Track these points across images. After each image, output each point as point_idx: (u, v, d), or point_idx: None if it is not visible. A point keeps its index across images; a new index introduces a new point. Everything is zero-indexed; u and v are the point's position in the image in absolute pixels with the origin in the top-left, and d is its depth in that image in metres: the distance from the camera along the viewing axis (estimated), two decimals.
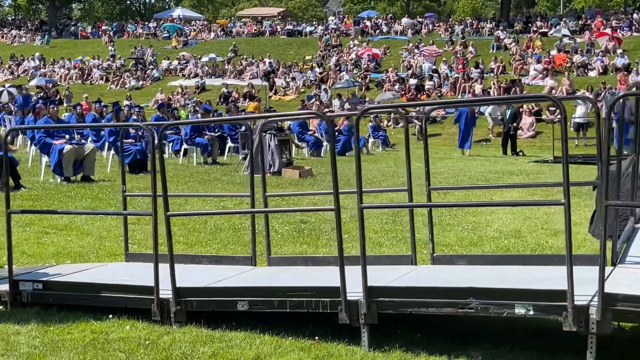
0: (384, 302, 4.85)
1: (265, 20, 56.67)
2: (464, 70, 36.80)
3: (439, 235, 8.23)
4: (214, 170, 17.88)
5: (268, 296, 5.20)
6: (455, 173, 16.72)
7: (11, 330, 5.21)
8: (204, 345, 4.95)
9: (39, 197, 12.08)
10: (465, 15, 63.51)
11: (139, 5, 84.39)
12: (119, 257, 7.61)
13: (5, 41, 57.48)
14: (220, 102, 36.42)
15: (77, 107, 22.42)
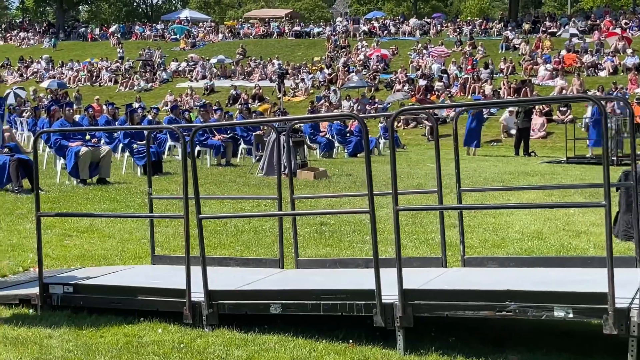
0: (419, 305, 4.82)
1: (273, 21, 56.71)
2: (473, 70, 36.74)
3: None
4: (228, 172, 17.88)
5: (301, 299, 5.17)
6: (470, 174, 16.67)
7: (43, 334, 5.19)
8: (238, 349, 4.92)
9: (56, 199, 12.08)
10: (473, 16, 63.43)
11: (145, 7, 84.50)
12: (143, 260, 7.59)
13: (13, 43, 57.70)
14: (229, 104, 36.45)
15: (88, 109, 22.43)
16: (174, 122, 20.32)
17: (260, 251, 8.31)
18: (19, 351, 4.82)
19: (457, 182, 6.21)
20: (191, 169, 5.47)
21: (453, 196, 9.09)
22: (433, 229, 9.43)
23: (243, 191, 13.92)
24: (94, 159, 14.63)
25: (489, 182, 15.27)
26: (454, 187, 7.41)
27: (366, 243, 8.64)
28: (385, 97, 35.85)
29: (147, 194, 7.48)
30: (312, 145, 23.49)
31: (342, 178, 16.54)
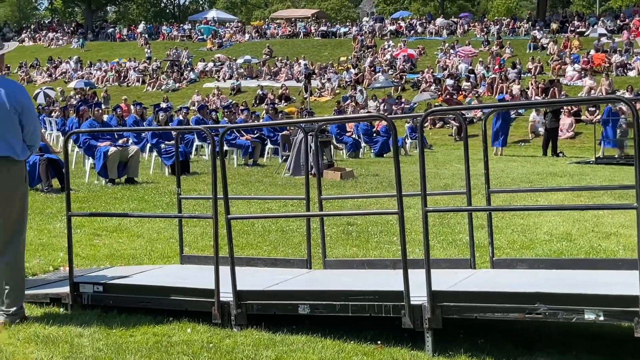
0: (448, 307, 4.80)
1: (299, 21, 56.79)
2: (501, 70, 36.54)
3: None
4: (255, 172, 17.94)
5: (330, 300, 5.17)
6: (497, 174, 16.59)
7: (74, 333, 5.24)
8: (266, 349, 4.94)
9: (85, 199, 12.19)
10: (500, 15, 63.11)
11: (173, 8, 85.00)
12: (172, 259, 7.64)
13: (42, 44, 58.31)
14: (255, 104, 36.57)
15: (116, 109, 22.61)
16: (201, 122, 20.45)
17: (287, 251, 8.33)
18: (50, 350, 4.87)
19: (486, 183, 6.18)
20: (220, 169, 5.48)
21: (481, 197, 9.07)
22: (461, 230, 9.40)
23: (270, 191, 13.96)
24: (122, 159, 14.75)
25: (517, 183, 15.19)
26: (482, 187, 7.39)
27: (394, 244, 8.63)
28: (411, 97, 35.77)
29: (175, 193, 7.55)
30: (339, 145, 23.50)
31: (368, 178, 16.53)
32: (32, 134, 5.58)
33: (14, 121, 5.44)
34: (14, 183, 5.49)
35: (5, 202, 5.44)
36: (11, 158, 5.43)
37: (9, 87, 5.48)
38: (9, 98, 5.41)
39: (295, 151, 17.11)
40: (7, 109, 5.40)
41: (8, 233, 5.48)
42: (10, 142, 5.42)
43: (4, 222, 5.46)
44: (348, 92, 36.97)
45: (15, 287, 5.48)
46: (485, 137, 6.38)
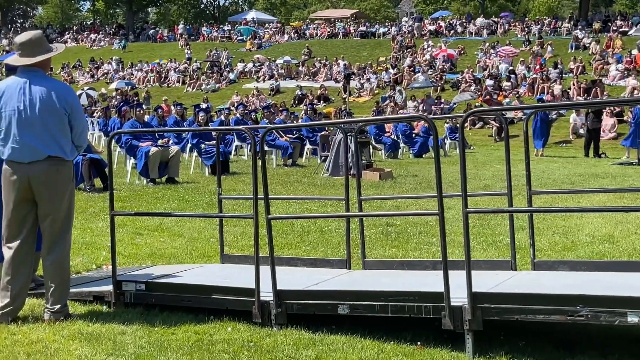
0: (489, 308, 4.78)
1: (338, 21, 56.80)
2: (542, 70, 36.18)
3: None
4: (294, 172, 18.00)
5: (369, 300, 5.18)
6: (538, 175, 16.44)
7: (117, 330, 5.32)
8: (306, 348, 4.96)
9: (127, 198, 12.34)
10: (541, 15, 62.48)
11: (212, 9, 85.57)
12: (213, 259, 7.71)
13: (84, 45, 59.07)
14: (294, 104, 36.67)
15: (157, 110, 22.83)
16: (240, 123, 20.58)
17: (326, 252, 8.35)
18: (94, 347, 4.94)
19: (527, 185, 6.14)
20: (261, 169, 5.52)
21: (521, 198, 9.00)
22: (501, 231, 9.34)
23: (309, 191, 14.00)
24: (163, 159, 14.90)
25: (558, 184, 15.04)
26: (522, 188, 7.34)
27: (433, 245, 8.61)
28: (451, 97, 35.58)
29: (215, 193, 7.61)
30: (378, 145, 23.46)
31: (407, 179, 16.49)
32: (80, 135, 5.68)
33: (64, 122, 5.54)
34: (62, 183, 5.58)
35: (54, 201, 5.54)
36: (61, 158, 5.53)
37: (58, 88, 5.58)
38: (59, 99, 5.51)
39: (334, 152, 17.13)
40: (57, 110, 5.50)
41: (55, 232, 5.58)
42: (60, 142, 5.52)
43: (51, 221, 5.55)
44: (387, 93, 36.89)
45: (60, 285, 5.57)
46: (527, 137, 6.33)
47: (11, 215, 5.55)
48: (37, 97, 5.47)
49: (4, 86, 5.57)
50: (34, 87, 5.49)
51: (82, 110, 5.90)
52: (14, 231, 5.56)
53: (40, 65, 5.63)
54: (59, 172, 5.54)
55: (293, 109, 33.38)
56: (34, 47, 5.61)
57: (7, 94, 5.50)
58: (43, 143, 5.46)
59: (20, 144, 5.46)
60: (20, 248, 5.56)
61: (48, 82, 5.61)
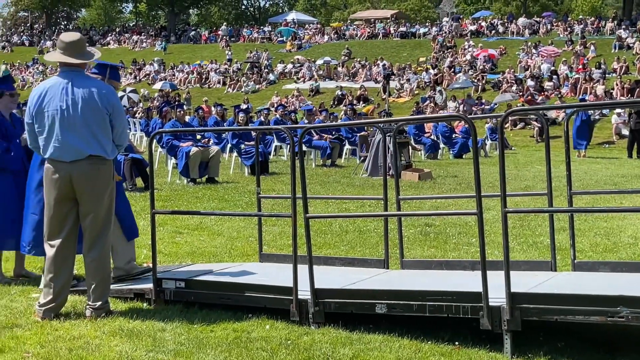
0: (527, 309, 4.75)
1: (379, 22, 56.70)
2: (585, 70, 35.74)
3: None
4: (333, 172, 18.02)
5: (407, 300, 5.17)
6: (580, 176, 16.25)
7: (157, 327, 5.38)
8: (343, 347, 4.97)
9: (168, 197, 12.47)
10: (584, 14, 61.71)
11: (253, 10, 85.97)
12: (251, 257, 7.76)
13: (127, 46, 59.73)
14: (334, 105, 36.69)
15: (198, 110, 23.04)
16: (280, 123, 20.64)
17: (364, 251, 8.36)
18: (134, 343, 5.01)
19: (567, 185, 6.08)
20: (299, 169, 5.54)
21: (562, 199, 8.91)
22: (541, 232, 9.26)
23: (347, 192, 14.01)
24: (203, 159, 15.03)
25: (601, 185, 14.85)
26: (564, 189, 7.26)
27: (472, 245, 8.57)
28: (491, 97, 35.31)
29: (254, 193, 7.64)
30: (417, 146, 23.38)
31: (447, 179, 16.41)
32: (121, 134, 5.76)
33: (106, 121, 5.63)
34: (103, 181, 5.67)
35: (95, 199, 5.62)
36: (102, 157, 5.62)
37: (100, 88, 5.67)
38: (100, 99, 5.60)
39: (373, 152, 17.11)
40: (99, 109, 5.59)
41: (96, 230, 5.66)
42: (101, 141, 5.61)
43: (92, 220, 5.64)
44: (427, 93, 36.74)
45: (101, 282, 5.66)
46: (568, 138, 6.28)
47: (53, 214, 5.65)
48: (79, 96, 5.55)
49: (47, 85, 5.67)
50: (76, 87, 5.58)
51: (123, 110, 5.99)
52: (56, 229, 5.66)
53: (82, 67, 5.73)
54: (100, 171, 5.62)
55: (333, 109, 33.41)
56: (78, 48, 5.71)
57: (50, 94, 5.59)
58: (85, 142, 5.54)
59: (62, 143, 5.55)
60: (62, 246, 5.66)
61: (90, 82, 5.70)
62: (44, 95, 5.61)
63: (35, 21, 77.54)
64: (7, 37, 65.89)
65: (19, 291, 6.39)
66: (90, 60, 5.79)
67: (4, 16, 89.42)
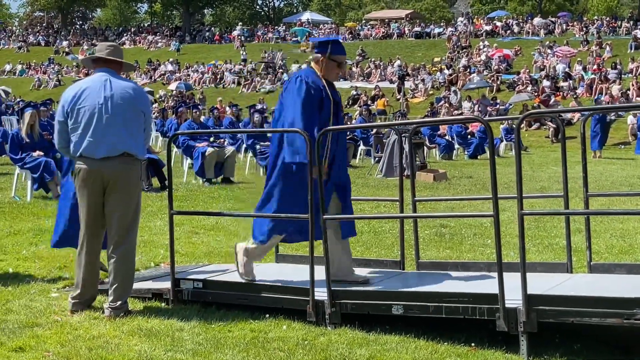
0: (544, 311, 4.77)
1: (393, 22, 56.65)
2: (600, 71, 35.59)
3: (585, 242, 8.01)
4: None
5: (423, 301, 5.21)
6: (596, 177, 16.20)
7: (175, 327, 5.43)
8: (360, 348, 5.01)
9: (184, 198, 12.53)
10: (600, 14, 61.41)
11: (268, 10, 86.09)
12: (267, 258, 7.76)
13: (142, 46, 59.93)
14: (348, 105, 36.71)
15: (213, 111, 23.13)
16: None
17: (380, 252, 8.38)
18: (153, 342, 5.06)
19: (584, 186, 6.09)
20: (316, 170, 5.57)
21: (578, 200, 8.89)
22: (557, 234, 9.25)
23: (362, 192, 14.02)
24: (219, 159, 15.10)
25: (616, 187, 14.80)
26: (579, 190, 7.26)
27: (488, 247, 8.58)
28: (506, 97, 35.23)
29: None
30: (432, 146, 23.38)
31: (462, 180, 16.40)
32: (148, 137, 5.92)
33: (141, 121, 5.76)
34: (134, 180, 5.76)
35: (124, 198, 5.70)
36: (134, 156, 5.71)
37: (136, 88, 5.83)
38: (138, 98, 5.75)
39: (388, 152, 17.13)
40: (136, 108, 5.72)
41: (122, 229, 5.74)
42: (136, 140, 5.71)
43: (119, 218, 5.71)
44: (442, 93, 36.70)
45: (123, 282, 5.72)
46: (584, 139, 6.28)
47: (84, 211, 5.74)
48: (118, 93, 5.66)
49: (83, 85, 5.78)
50: (115, 84, 5.70)
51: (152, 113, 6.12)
52: (85, 226, 5.76)
53: (116, 69, 5.84)
54: (131, 170, 5.71)
55: (347, 109, 33.43)
56: (115, 51, 5.87)
57: (88, 91, 5.69)
58: (120, 139, 5.63)
59: (97, 138, 5.61)
60: (90, 242, 5.77)
61: (127, 81, 5.86)
62: (81, 93, 5.69)
63: (51, 21, 77.97)
64: (23, 37, 66.24)
65: (38, 290, 6.45)
66: (121, 60, 5.86)
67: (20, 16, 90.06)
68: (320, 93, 5.88)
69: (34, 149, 11.88)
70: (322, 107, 5.88)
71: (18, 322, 5.47)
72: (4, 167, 17.32)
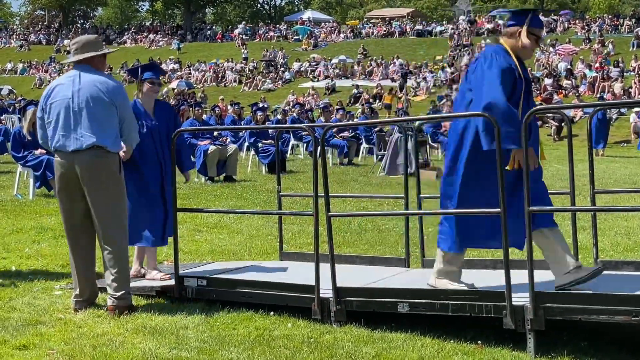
0: (551, 308, 4.73)
1: (395, 20, 56.60)
2: (602, 69, 35.54)
3: (591, 239, 7.96)
4: (350, 170, 18.01)
5: (429, 299, 5.17)
6: (599, 175, 16.11)
7: (179, 325, 5.40)
8: (366, 345, 4.97)
9: (186, 196, 12.48)
10: (601, 12, 61.33)
11: (269, 9, 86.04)
12: (271, 256, 7.78)
13: (143, 45, 59.86)
14: (350, 103, 36.68)
15: (215, 109, 23.10)
16: (297, 122, 20.68)
17: (384, 250, 8.35)
18: (157, 340, 5.03)
19: (590, 184, 6.05)
20: (321, 167, 5.54)
21: (582, 198, 8.85)
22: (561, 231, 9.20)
23: (365, 190, 14.00)
24: (221, 157, 15.07)
25: (620, 184, 14.77)
26: (582, 188, 7.22)
27: None
28: None
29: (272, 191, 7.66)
30: (434, 144, 23.33)
31: None
32: (130, 130, 5.87)
33: (112, 113, 5.70)
34: (107, 173, 5.71)
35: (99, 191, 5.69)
36: (104, 148, 5.65)
37: (108, 81, 5.80)
38: (107, 91, 5.72)
39: (390, 150, 17.09)
40: (104, 100, 5.69)
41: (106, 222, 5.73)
42: (105, 132, 5.67)
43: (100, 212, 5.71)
44: (444, 92, 36.63)
45: (119, 272, 5.70)
46: (590, 136, 6.24)
47: (64, 207, 5.80)
48: (85, 87, 5.67)
49: (58, 81, 5.87)
50: (84, 78, 5.71)
51: (130, 106, 6.01)
52: (69, 222, 5.79)
53: (90, 63, 5.81)
54: (102, 163, 5.68)
55: (349, 108, 33.38)
56: (86, 47, 5.83)
57: (59, 87, 5.77)
58: (87, 132, 5.63)
59: (66, 132, 5.67)
60: (78, 239, 5.80)
61: (98, 75, 5.79)
62: (53, 89, 5.79)
63: (53, 20, 77.94)
64: (24, 35, 66.23)
65: (41, 288, 6.43)
66: (92, 54, 5.80)
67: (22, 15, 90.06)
68: (513, 73, 5.12)
69: (36, 147, 11.84)
70: (515, 89, 5.11)
71: (21, 320, 5.45)
72: (6, 165, 17.32)
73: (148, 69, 6.81)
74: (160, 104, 6.90)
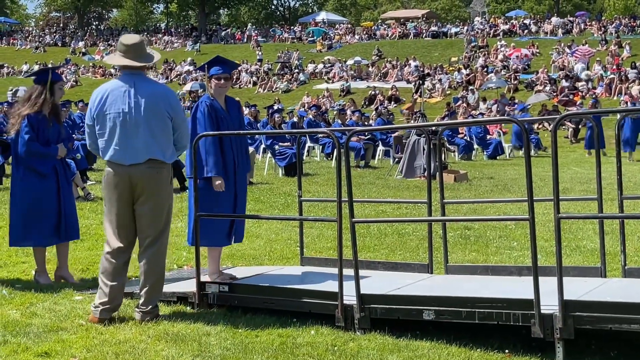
0: (581, 317, 4.64)
1: (409, 22, 56.47)
2: (619, 70, 35.28)
3: (615, 245, 7.86)
4: (367, 173, 17.93)
5: (455, 306, 5.09)
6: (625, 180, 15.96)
7: (202, 331, 5.34)
8: (391, 354, 4.90)
9: None
10: (618, 13, 60.98)
11: (283, 10, 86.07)
12: (291, 260, 7.71)
13: (158, 47, 59.95)
14: (365, 105, 36.58)
15: None
16: (313, 124, 20.61)
17: (405, 255, 8.27)
18: (180, 348, 4.98)
19: (618, 189, 5.94)
20: (345, 172, 5.47)
21: (609, 203, 8.74)
22: (583, 236, 9.12)
23: (382, 193, 13.91)
24: None
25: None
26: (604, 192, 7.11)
27: (514, 249, 8.44)
28: (524, 97, 34.94)
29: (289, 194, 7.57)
30: (451, 147, 23.21)
31: (482, 181, 16.25)
32: (183, 137, 5.84)
33: (167, 125, 5.66)
34: (162, 185, 5.68)
35: (152, 203, 5.62)
36: (161, 161, 5.63)
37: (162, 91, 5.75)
38: (163, 102, 5.64)
39: (408, 153, 17.00)
40: (161, 112, 5.62)
41: (152, 233, 5.67)
42: (162, 145, 5.63)
43: (149, 222, 5.64)
44: (459, 93, 36.49)
45: (154, 285, 5.64)
46: (618, 141, 6.14)
47: (113, 217, 5.66)
48: (142, 100, 5.55)
49: (108, 88, 5.67)
50: (139, 90, 5.59)
51: (184, 112, 5.96)
52: (116, 232, 5.67)
53: (142, 69, 5.74)
54: (159, 175, 5.62)
55: (364, 109, 33.28)
56: (139, 51, 5.70)
57: (112, 97, 5.59)
58: (145, 146, 5.55)
59: (122, 147, 5.56)
60: (120, 249, 5.67)
61: (152, 85, 5.73)
62: (105, 98, 5.61)
63: (68, 21, 78.24)
64: (40, 37, 66.52)
65: (61, 293, 6.38)
66: (151, 63, 5.75)
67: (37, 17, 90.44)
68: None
69: None
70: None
71: (43, 326, 5.40)
72: None
73: (213, 64, 6.55)
74: (230, 100, 6.66)
